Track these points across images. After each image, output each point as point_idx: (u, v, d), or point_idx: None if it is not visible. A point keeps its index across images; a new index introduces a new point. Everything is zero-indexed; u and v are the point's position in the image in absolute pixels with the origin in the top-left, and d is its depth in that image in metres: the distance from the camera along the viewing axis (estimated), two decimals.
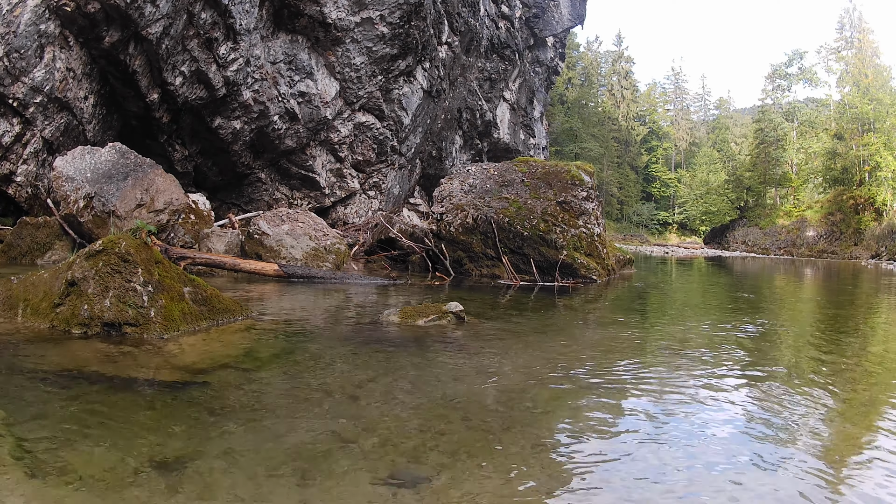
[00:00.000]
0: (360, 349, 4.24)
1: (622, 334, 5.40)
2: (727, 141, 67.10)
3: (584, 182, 10.87)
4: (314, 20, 13.75)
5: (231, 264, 8.47)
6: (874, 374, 4.22)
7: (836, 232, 38.04)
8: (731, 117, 78.90)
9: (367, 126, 16.00)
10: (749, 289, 11.76)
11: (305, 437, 2.49)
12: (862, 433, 2.93)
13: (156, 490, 1.97)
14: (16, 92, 9.92)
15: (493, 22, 22.19)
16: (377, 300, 7.15)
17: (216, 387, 3.12)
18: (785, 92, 52.00)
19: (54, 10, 9.95)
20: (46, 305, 4.27)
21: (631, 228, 59.44)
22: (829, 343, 5.53)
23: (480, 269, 10.21)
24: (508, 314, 6.41)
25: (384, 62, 15.27)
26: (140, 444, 2.32)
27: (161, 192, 9.97)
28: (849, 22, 44.31)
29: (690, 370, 4.03)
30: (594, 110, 67.05)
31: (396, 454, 2.37)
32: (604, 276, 10.16)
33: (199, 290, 4.69)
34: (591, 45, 73.27)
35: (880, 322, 7.51)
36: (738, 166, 53.30)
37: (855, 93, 40.00)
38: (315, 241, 10.14)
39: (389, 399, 3.09)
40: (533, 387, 3.41)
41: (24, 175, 10.61)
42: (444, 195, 11.15)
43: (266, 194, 15.34)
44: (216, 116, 12.97)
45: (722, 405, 3.23)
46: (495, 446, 2.50)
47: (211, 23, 11.73)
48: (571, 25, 28.78)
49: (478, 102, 22.16)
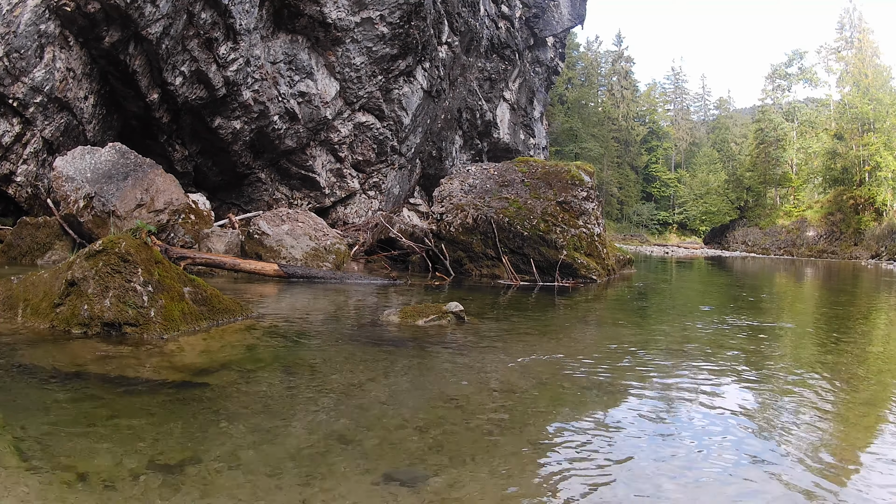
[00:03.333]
0: (360, 349, 4.24)
1: (622, 334, 5.40)
2: (727, 141, 67.12)
3: (584, 182, 10.87)
4: (314, 20, 13.75)
5: (231, 264, 8.47)
6: (874, 374, 4.22)
7: (836, 232, 38.04)
8: (731, 117, 78.89)
9: (367, 126, 16.00)
10: (749, 289, 11.76)
11: (305, 437, 2.49)
12: (862, 433, 2.93)
13: (156, 490, 1.97)
14: (16, 92, 9.92)
15: (493, 22, 22.19)
16: (377, 300, 7.15)
17: (216, 387, 3.12)
18: (785, 92, 51.98)
19: (54, 10, 9.95)
20: (46, 305, 4.27)
21: (631, 228, 59.43)
22: (829, 343, 5.53)
23: (480, 269, 10.21)
24: (508, 314, 6.41)
25: (384, 62, 15.27)
26: (140, 444, 2.31)
27: (161, 192, 9.97)
28: (849, 22, 44.29)
29: (691, 370, 4.03)
30: (594, 110, 67.02)
31: (396, 454, 2.37)
32: (604, 276, 10.16)
33: (199, 290, 4.69)
34: (591, 45, 73.30)
35: (880, 322, 7.51)
36: (738, 166, 53.31)
37: (855, 93, 40.00)
38: (315, 241, 10.14)
39: (389, 399, 3.09)
40: (533, 387, 3.41)
41: (24, 175, 10.61)
42: (444, 195, 11.15)
43: (266, 194, 15.34)
44: (216, 116, 12.97)
45: (722, 405, 3.23)
46: (495, 446, 2.50)
47: (211, 23, 11.73)
48: (571, 25, 28.78)
49: (478, 102, 22.16)
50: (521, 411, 3.00)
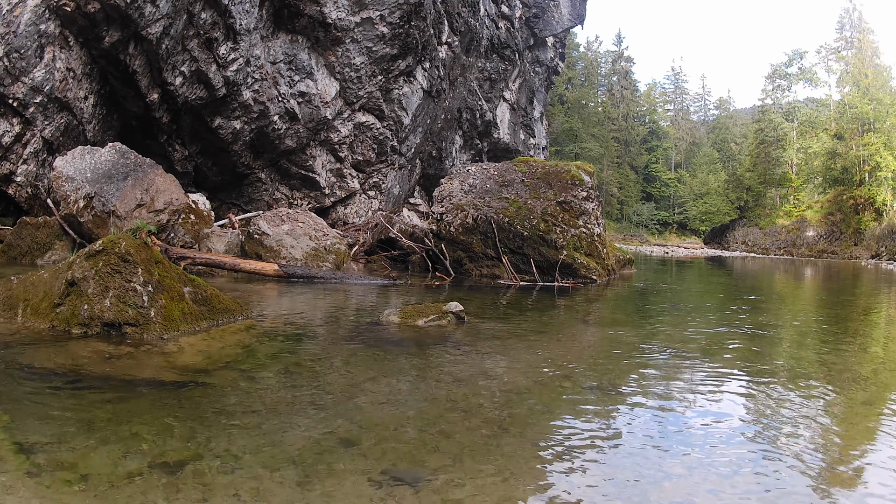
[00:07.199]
0: (360, 349, 4.24)
1: (622, 334, 5.40)
2: (727, 141, 67.15)
3: (584, 182, 10.87)
4: (314, 20, 13.75)
5: (231, 264, 8.47)
6: (874, 374, 4.22)
7: (836, 232, 38.06)
8: (731, 117, 78.88)
9: (367, 126, 16.00)
10: (749, 289, 11.76)
11: (305, 437, 2.49)
12: (862, 433, 2.93)
13: (156, 490, 1.97)
14: (16, 92, 9.91)
15: (493, 22, 22.19)
16: (377, 300, 7.15)
17: (216, 387, 3.12)
18: (785, 92, 52.03)
19: (54, 10, 9.95)
20: (46, 305, 4.27)
21: (631, 228, 59.41)
22: (829, 343, 5.53)
23: (480, 269, 10.20)
24: (508, 314, 6.41)
25: (384, 62, 15.27)
26: (140, 444, 2.31)
27: (161, 192, 9.97)
28: (849, 22, 44.31)
29: (691, 370, 4.03)
30: (594, 110, 67.00)
31: (396, 454, 2.37)
32: (604, 276, 10.16)
33: (199, 290, 4.68)
34: (591, 45, 73.29)
35: (880, 322, 7.51)
36: (738, 166, 53.33)
37: (855, 93, 40.02)
38: (315, 241, 10.14)
39: (389, 399, 3.09)
40: (533, 387, 3.41)
41: (24, 175, 10.61)
42: (444, 195, 11.14)
43: (266, 194, 15.34)
44: (216, 116, 12.96)
45: (722, 405, 3.23)
46: (495, 446, 2.50)
47: (211, 23, 11.73)
48: (571, 25, 28.78)
49: (478, 102, 22.16)
50: (521, 411, 3.00)
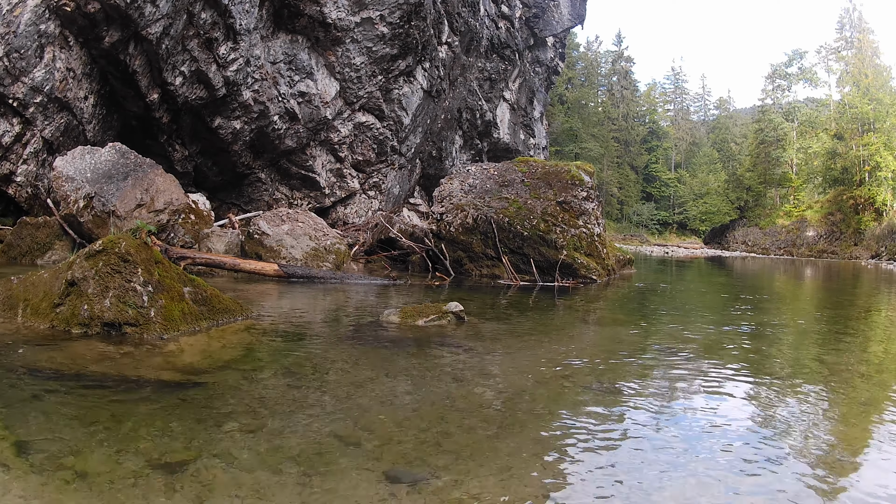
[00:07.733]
0: (360, 349, 4.24)
1: (622, 334, 5.40)
2: (727, 141, 67.15)
3: (584, 182, 10.87)
4: (314, 20, 13.74)
5: (231, 264, 8.47)
6: (875, 374, 4.22)
7: (836, 232, 38.06)
8: (731, 117, 78.87)
9: (367, 126, 16.00)
10: (749, 289, 11.76)
11: (305, 438, 2.49)
12: (862, 433, 2.93)
13: (156, 490, 1.97)
14: (16, 92, 9.91)
15: (493, 22, 22.18)
16: (377, 300, 7.14)
17: (216, 387, 3.12)
18: (785, 92, 52.04)
19: (54, 10, 9.95)
20: (46, 305, 4.27)
21: (631, 228, 59.40)
22: (829, 343, 5.53)
23: (480, 269, 10.20)
24: (508, 314, 6.40)
25: (384, 62, 15.26)
26: (140, 444, 2.31)
27: (161, 192, 9.97)
28: (849, 22, 44.32)
29: (691, 370, 4.03)
30: (594, 110, 67.00)
31: (397, 454, 2.36)
32: (604, 276, 10.16)
33: (199, 290, 4.68)
34: (591, 45, 73.28)
35: (881, 322, 7.51)
36: (738, 166, 53.33)
37: (855, 93, 40.03)
38: (315, 241, 10.14)
39: (390, 399, 3.09)
40: (533, 387, 3.41)
41: (24, 175, 10.61)
42: (444, 195, 11.14)
43: (266, 194, 15.34)
44: (216, 116, 12.96)
45: (722, 405, 3.23)
46: (496, 446, 2.50)
47: (211, 23, 11.73)
48: (571, 25, 28.77)
49: (478, 102, 22.16)
50: (521, 411, 3.00)
